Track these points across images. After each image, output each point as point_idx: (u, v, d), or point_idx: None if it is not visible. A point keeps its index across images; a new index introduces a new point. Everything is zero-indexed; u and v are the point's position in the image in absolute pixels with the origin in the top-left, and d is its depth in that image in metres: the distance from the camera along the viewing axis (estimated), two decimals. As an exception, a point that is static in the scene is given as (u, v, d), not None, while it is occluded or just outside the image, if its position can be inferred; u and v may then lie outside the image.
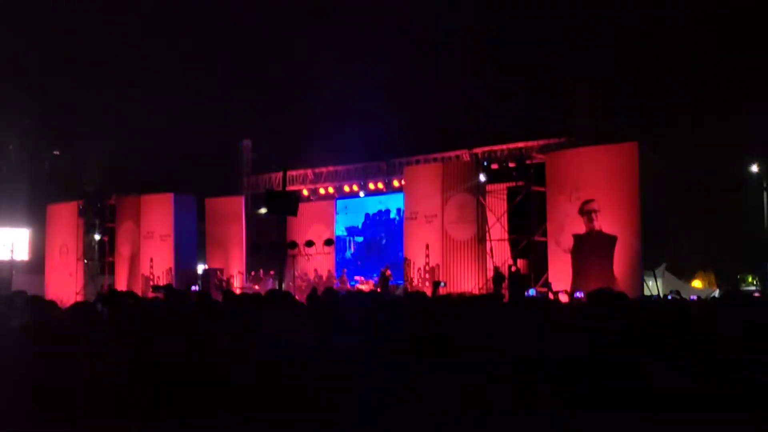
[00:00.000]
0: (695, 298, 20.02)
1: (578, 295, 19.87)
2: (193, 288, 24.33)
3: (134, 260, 30.31)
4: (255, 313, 6.43)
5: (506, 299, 16.28)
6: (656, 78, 26.05)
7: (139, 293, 27.49)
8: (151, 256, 29.82)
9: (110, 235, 31.84)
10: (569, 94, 24.70)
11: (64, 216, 32.36)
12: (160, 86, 33.55)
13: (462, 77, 29.62)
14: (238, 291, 24.60)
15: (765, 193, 25.51)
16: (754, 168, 25.65)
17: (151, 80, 33.83)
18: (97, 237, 33.07)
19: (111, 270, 31.69)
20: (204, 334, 5.31)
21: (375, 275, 27.81)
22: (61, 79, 34.27)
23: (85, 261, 32.17)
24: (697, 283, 26.56)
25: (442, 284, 22.86)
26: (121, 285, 29.75)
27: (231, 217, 30.18)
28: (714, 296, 20.88)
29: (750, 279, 24.18)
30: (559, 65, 27.62)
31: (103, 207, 32.13)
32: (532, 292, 22.25)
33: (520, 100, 27.40)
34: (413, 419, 3.84)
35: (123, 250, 30.84)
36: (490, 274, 23.63)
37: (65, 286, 31.19)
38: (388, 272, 26.65)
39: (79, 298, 27.43)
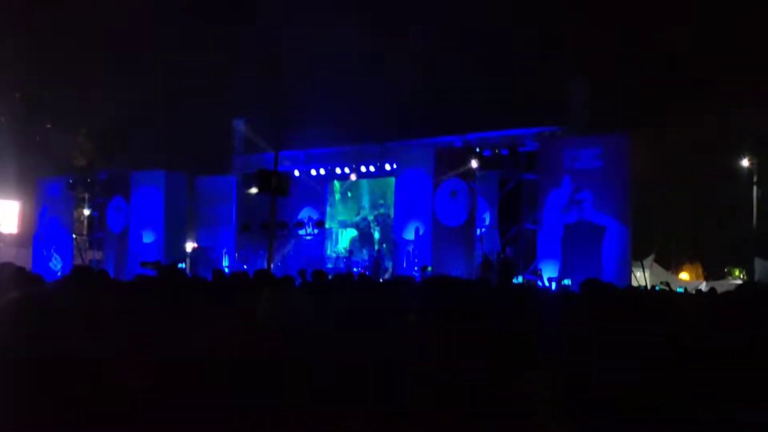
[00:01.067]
0: (683, 290, 20.14)
1: (566, 283, 19.97)
2: (180, 266, 24.28)
3: (123, 236, 30.25)
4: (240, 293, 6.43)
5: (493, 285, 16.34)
6: (650, 69, 26.04)
7: (127, 270, 27.58)
8: (140, 233, 29.77)
9: (100, 210, 31.76)
10: (563, 83, 24.68)
11: (54, 190, 32.26)
12: (153, 63, 33.40)
13: (456, 63, 29.50)
14: (226, 270, 24.59)
15: (755, 188, 25.58)
16: (745, 162, 25.71)
17: (144, 57, 33.66)
18: (86, 212, 32.97)
19: (100, 246, 31.65)
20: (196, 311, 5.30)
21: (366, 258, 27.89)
22: (54, 52, 34.07)
23: (74, 236, 32.09)
24: (684, 275, 26.69)
25: (430, 269, 22.91)
26: (110, 261, 29.72)
27: (221, 197, 30.12)
28: (700, 289, 21.00)
29: (737, 272, 24.29)
30: (554, 54, 27.57)
31: (93, 182, 32.02)
32: (519, 279, 22.34)
33: (514, 87, 27.35)
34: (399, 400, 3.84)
35: (113, 226, 30.77)
36: (479, 260, 23.68)
37: (53, 260, 31.14)
38: (379, 255, 26.72)
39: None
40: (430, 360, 3.89)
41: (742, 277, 24.44)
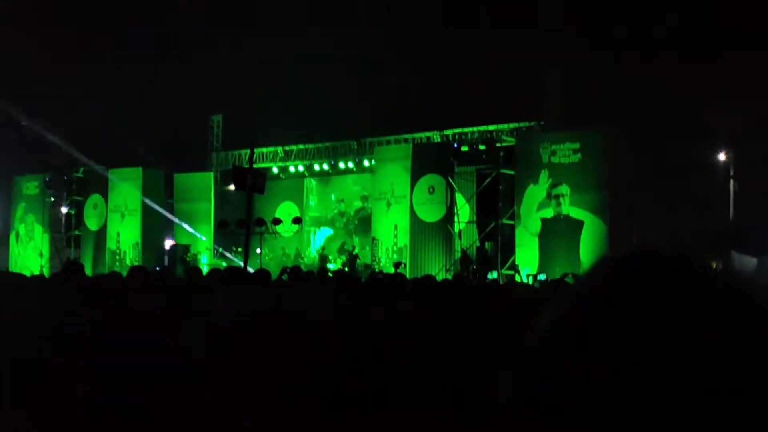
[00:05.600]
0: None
1: (543, 278, 19.99)
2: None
3: (101, 234, 30.08)
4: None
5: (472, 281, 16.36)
6: (626, 64, 26.12)
7: (105, 267, 27.44)
8: (118, 231, 29.61)
9: (77, 208, 31.58)
10: (540, 79, 24.72)
11: (30, 188, 32.05)
12: (130, 60, 33.20)
13: (434, 58, 29.52)
14: (205, 267, 24.48)
15: (731, 181, 25.73)
16: (722, 156, 25.85)
17: (120, 53, 33.46)
18: (63, 210, 32.75)
19: (77, 243, 31.46)
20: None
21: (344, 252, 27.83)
22: (30, 49, 33.78)
23: (52, 234, 31.88)
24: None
25: (403, 265, 22.93)
26: (87, 259, 29.53)
27: (199, 193, 29.99)
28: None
29: (714, 266, 24.40)
30: (531, 49, 27.61)
31: (71, 180, 31.82)
32: (494, 274, 22.37)
33: (492, 82, 27.37)
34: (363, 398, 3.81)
35: (89, 224, 30.58)
36: (458, 255, 23.70)
37: (30, 259, 30.94)
38: (356, 252, 26.68)
39: (44, 272, 27.16)
40: (383, 357, 3.86)
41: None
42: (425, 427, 3.50)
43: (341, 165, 28.77)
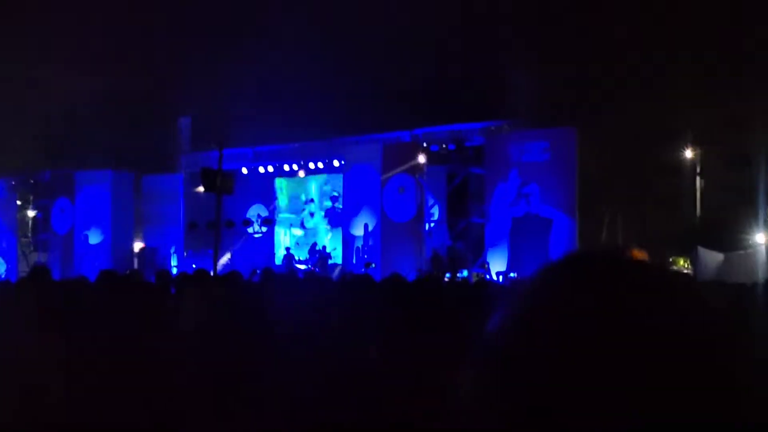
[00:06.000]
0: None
1: (513, 276, 20.09)
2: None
3: (68, 238, 29.78)
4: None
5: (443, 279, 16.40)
6: (593, 63, 26.32)
7: (73, 271, 27.15)
8: (86, 234, 29.33)
9: (44, 211, 31.25)
10: (508, 78, 24.84)
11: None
12: (97, 60, 32.91)
13: (403, 59, 29.56)
14: (174, 270, 24.35)
15: (698, 178, 26.02)
16: (688, 153, 26.13)
17: (87, 54, 33.15)
18: (30, 213, 32.41)
19: (45, 247, 31.14)
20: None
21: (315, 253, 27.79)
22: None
23: (18, 238, 31.53)
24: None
25: (372, 265, 22.95)
26: (55, 263, 29.22)
27: (168, 195, 29.79)
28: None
29: (681, 262, 24.66)
30: (499, 49, 27.72)
31: (37, 183, 31.49)
32: (464, 273, 22.45)
33: (461, 82, 27.45)
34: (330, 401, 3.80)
35: (57, 228, 30.27)
36: (429, 255, 23.74)
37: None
38: (328, 253, 26.65)
39: (11, 276, 26.88)
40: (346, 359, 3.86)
41: (686, 266, 24.82)
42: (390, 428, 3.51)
43: (311, 165, 28.73)
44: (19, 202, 31.71)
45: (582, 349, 0.75)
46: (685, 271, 23.37)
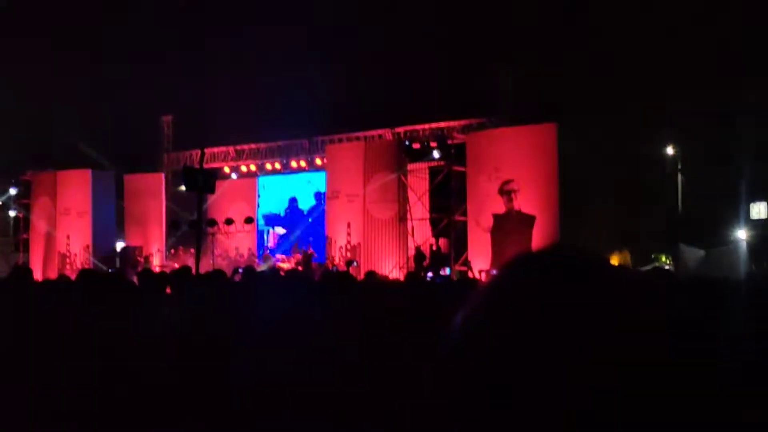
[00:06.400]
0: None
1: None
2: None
3: (50, 238, 29.62)
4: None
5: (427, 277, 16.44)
6: (574, 59, 26.38)
7: (55, 271, 27.01)
8: (68, 234, 29.18)
9: (25, 211, 31.06)
10: (490, 75, 24.89)
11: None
12: (79, 59, 32.71)
13: (384, 56, 29.53)
14: (157, 269, 24.25)
15: (679, 175, 26.16)
16: (669, 150, 26.27)
17: (69, 53, 32.94)
18: (11, 213, 32.21)
19: (26, 247, 30.95)
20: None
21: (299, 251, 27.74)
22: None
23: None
24: (613, 262, 27.10)
25: (355, 264, 22.93)
26: (37, 263, 29.06)
27: (151, 194, 29.65)
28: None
29: (663, 258, 24.77)
30: (480, 46, 27.77)
31: (18, 182, 31.31)
32: (447, 270, 22.47)
33: (442, 80, 27.49)
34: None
35: (39, 227, 30.09)
36: (411, 253, 23.75)
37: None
38: (311, 251, 26.59)
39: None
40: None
41: (668, 263, 24.94)
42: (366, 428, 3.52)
43: (293, 164, 28.70)
44: (-1, 202, 31.54)
45: (523, 344, 0.77)
46: (667, 267, 23.50)
